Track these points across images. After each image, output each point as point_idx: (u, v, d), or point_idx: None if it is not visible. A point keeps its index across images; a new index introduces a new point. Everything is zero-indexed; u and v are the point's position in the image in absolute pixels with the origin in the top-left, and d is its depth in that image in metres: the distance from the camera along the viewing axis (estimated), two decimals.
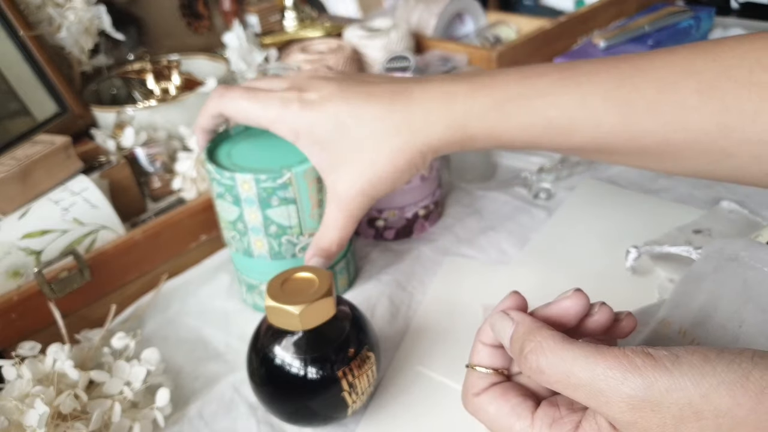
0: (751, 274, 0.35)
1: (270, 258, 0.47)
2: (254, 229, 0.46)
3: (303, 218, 0.45)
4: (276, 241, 0.46)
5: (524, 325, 0.28)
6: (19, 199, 0.53)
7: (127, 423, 0.40)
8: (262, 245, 0.47)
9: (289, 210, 0.45)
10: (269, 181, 0.43)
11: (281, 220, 0.45)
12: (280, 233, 0.46)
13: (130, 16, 0.81)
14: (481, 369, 0.31)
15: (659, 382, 0.23)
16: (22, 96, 0.63)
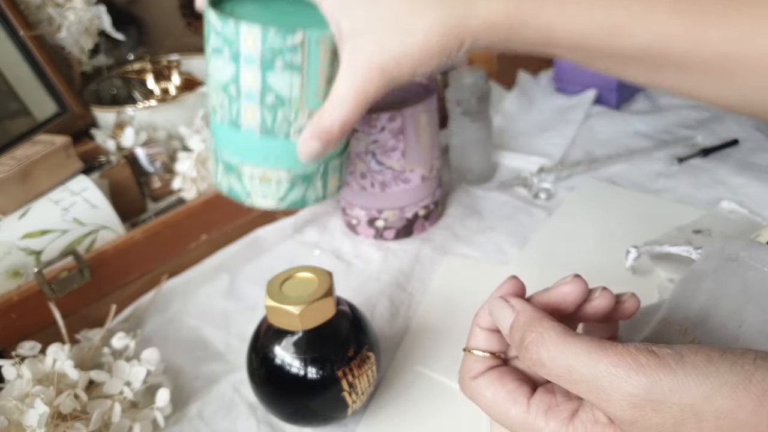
0: (751, 274, 0.35)
1: (259, 133, 0.39)
2: (248, 95, 0.38)
3: (306, 93, 0.38)
4: (270, 114, 0.39)
5: (525, 314, 0.28)
6: (19, 199, 0.53)
7: (127, 423, 0.40)
8: (253, 116, 0.39)
9: (293, 79, 0.37)
10: (278, 38, 0.36)
11: (282, 89, 0.38)
12: (276, 105, 0.38)
13: (130, 16, 0.82)
14: (478, 352, 0.31)
15: (663, 382, 0.23)
16: (22, 96, 0.63)
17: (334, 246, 0.61)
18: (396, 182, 0.57)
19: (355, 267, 0.58)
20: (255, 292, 0.55)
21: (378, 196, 0.58)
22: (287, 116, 0.39)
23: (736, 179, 0.62)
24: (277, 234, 0.61)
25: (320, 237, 0.62)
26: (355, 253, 0.59)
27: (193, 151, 0.61)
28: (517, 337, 0.28)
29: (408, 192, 0.58)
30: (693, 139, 0.69)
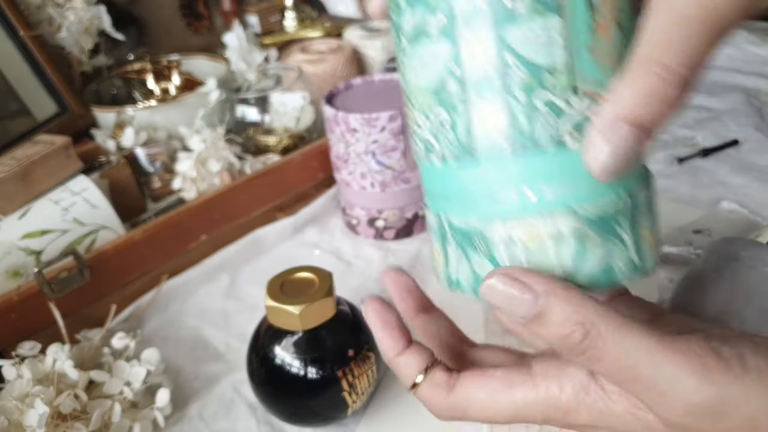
0: (751, 274, 0.35)
1: (510, 148, 0.23)
2: (481, 83, 0.22)
3: (577, 50, 0.21)
4: (525, 104, 0.22)
5: (560, 300, 0.22)
6: (19, 199, 0.53)
7: (127, 423, 0.40)
8: (496, 117, 0.23)
9: (550, 28, 0.21)
10: None
11: (533, 52, 0.22)
12: (531, 84, 0.22)
13: (130, 16, 0.82)
14: (420, 379, 0.26)
15: (730, 393, 0.21)
16: (22, 96, 0.63)
17: (334, 246, 0.61)
18: (396, 182, 0.57)
19: (355, 267, 0.58)
20: (255, 292, 0.55)
21: (378, 196, 0.58)
22: (552, 101, 0.22)
23: (736, 179, 0.62)
24: (277, 234, 0.61)
25: (320, 237, 0.62)
26: (355, 253, 0.59)
27: (193, 151, 0.61)
28: (559, 330, 0.22)
29: (408, 192, 0.58)
30: (693, 139, 0.69)
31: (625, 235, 0.23)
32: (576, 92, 0.22)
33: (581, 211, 0.23)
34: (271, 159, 0.65)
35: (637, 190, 0.24)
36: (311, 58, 0.81)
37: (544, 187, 0.23)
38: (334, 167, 0.60)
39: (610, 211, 0.23)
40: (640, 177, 0.24)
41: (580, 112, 0.22)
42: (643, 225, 0.24)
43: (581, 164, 0.22)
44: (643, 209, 0.24)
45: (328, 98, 0.58)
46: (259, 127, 0.69)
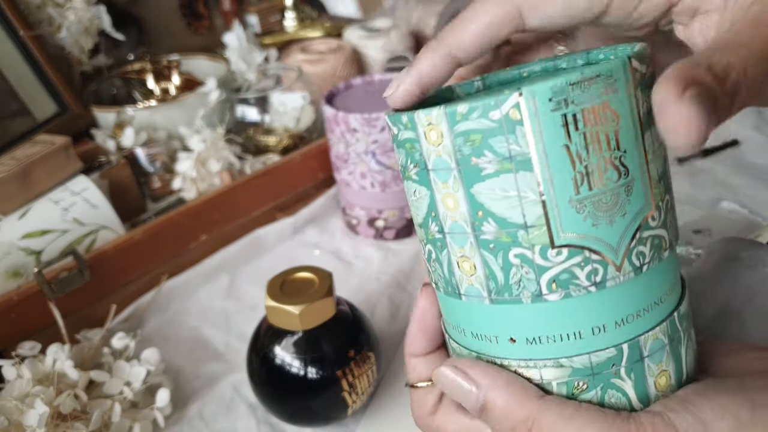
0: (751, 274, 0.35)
1: (488, 296, 0.23)
2: (454, 231, 0.23)
3: (557, 204, 0.20)
4: (499, 259, 0.22)
5: (502, 395, 0.22)
6: (19, 199, 0.53)
7: (127, 423, 0.40)
8: (473, 267, 0.23)
9: (521, 185, 0.21)
10: (476, 116, 0.20)
11: (505, 209, 0.21)
12: (505, 240, 0.21)
13: (130, 16, 0.82)
14: (423, 384, 0.27)
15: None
16: (22, 96, 0.63)
17: (334, 246, 0.61)
18: (396, 182, 0.57)
19: (355, 267, 0.58)
20: (255, 292, 0.55)
21: (378, 196, 0.58)
22: (526, 256, 0.21)
23: (736, 179, 0.62)
24: (277, 234, 0.61)
25: (320, 237, 0.62)
26: (355, 253, 0.59)
27: (193, 151, 0.61)
28: (502, 425, 0.22)
29: None
30: None
31: (626, 385, 0.22)
32: (554, 247, 0.21)
33: (567, 363, 0.22)
34: (271, 159, 0.65)
35: (645, 337, 0.22)
36: (311, 58, 0.81)
37: (524, 336, 0.22)
38: (334, 167, 0.60)
39: (603, 362, 0.22)
40: (651, 319, 0.22)
41: (559, 266, 0.21)
42: (653, 372, 0.23)
43: (565, 315, 0.22)
44: (657, 354, 0.22)
45: (328, 98, 0.58)
46: (259, 127, 0.69)
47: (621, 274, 0.21)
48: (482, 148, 0.21)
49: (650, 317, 0.22)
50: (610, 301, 0.22)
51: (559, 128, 0.20)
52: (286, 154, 0.64)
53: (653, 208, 0.21)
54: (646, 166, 0.21)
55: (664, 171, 0.22)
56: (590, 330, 0.22)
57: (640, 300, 0.22)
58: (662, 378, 0.23)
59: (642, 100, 0.20)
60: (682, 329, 0.23)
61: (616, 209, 0.20)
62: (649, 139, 0.21)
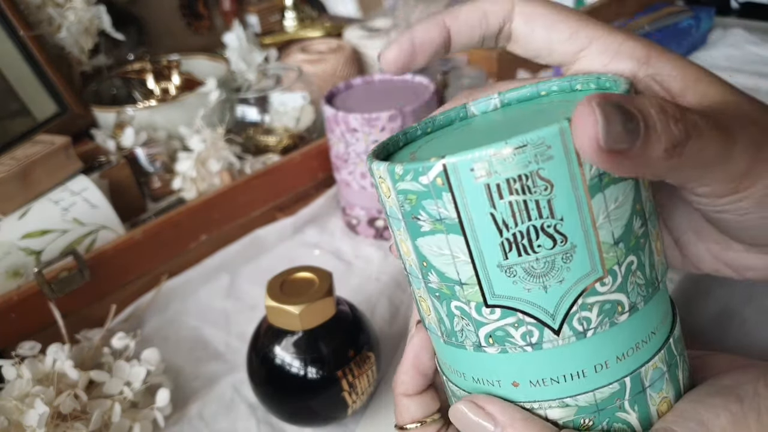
0: None
1: (442, 338, 0.24)
2: (412, 274, 0.24)
3: (486, 267, 0.21)
4: (444, 307, 0.23)
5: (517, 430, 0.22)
6: (19, 199, 0.53)
7: (127, 423, 0.40)
8: (428, 309, 0.24)
9: (453, 246, 0.21)
10: (410, 179, 0.21)
11: (443, 265, 0.22)
12: (446, 292, 0.22)
13: (130, 16, 0.82)
14: (413, 426, 0.27)
15: None
16: (22, 96, 0.63)
17: (334, 246, 0.61)
18: None
19: (355, 267, 0.58)
20: (255, 292, 0.55)
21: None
22: (464, 309, 0.22)
23: None
24: (277, 234, 0.61)
25: (320, 237, 0.62)
26: (355, 253, 0.59)
27: (193, 151, 0.61)
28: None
29: None
30: None
31: (630, 417, 0.23)
32: (487, 306, 0.21)
33: (572, 402, 0.22)
34: (271, 159, 0.65)
35: (645, 368, 0.22)
36: (311, 58, 0.81)
37: (527, 379, 0.23)
38: (334, 167, 0.60)
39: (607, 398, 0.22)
40: (649, 350, 0.23)
41: (494, 323, 0.22)
42: (654, 401, 0.23)
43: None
44: (657, 383, 0.23)
45: (328, 98, 0.58)
46: (259, 127, 0.69)
47: (560, 338, 0.21)
48: (418, 208, 0.21)
49: (648, 348, 0.22)
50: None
51: (483, 197, 0.20)
52: (286, 154, 0.64)
53: (603, 274, 0.21)
54: (593, 231, 0.20)
55: (626, 232, 0.21)
56: (593, 368, 0.22)
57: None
58: (664, 405, 0.23)
59: (591, 165, 0.20)
60: (677, 353, 0.24)
61: (551, 275, 0.20)
62: (600, 203, 0.20)
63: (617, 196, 0.20)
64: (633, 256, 0.21)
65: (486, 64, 0.80)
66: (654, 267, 0.22)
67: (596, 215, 0.20)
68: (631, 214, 0.21)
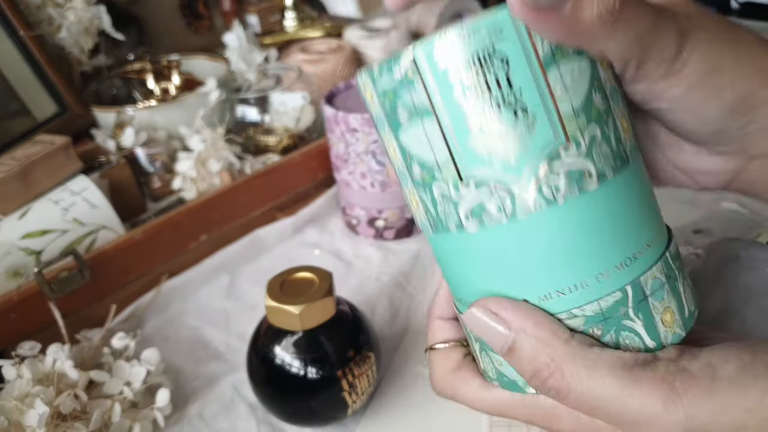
0: (751, 274, 0.35)
1: (431, 229, 0.26)
2: (401, 174, 0.26)
3: (457, 144, 0.23)
4: (428, 194, 0.25)
5: (529, 338, 0.23)
6: (19, 199, 0.53)
7: (127, 423, 0.40)
8: (417, 204, 0.26)
9: (428, 130, 0.23)
10: (385, 74, 0.23)
11: (421, 152, 0.24)
12: (427, 178, 0.24)
13: (130, 16, 0.82)
14: (442, 346, 0.28)
15: (703, 409, 0.21)
16: (22, 96, 0.63)
17: (334, 246, 0.61)
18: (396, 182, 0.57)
19: (355, 267, 0.58)
20: (255, 292, 0.55)
21: (378, 196, 0.58)
22: (445, 193, 0.24)
23: None
24: (277, 234, 0.61)
25: (320, 237, 0.62)
26: (355, 253, 0.59)
27: (193, 151, 0.61)
28: (526, 367, 0.23)
29: None
30: None
31: (636, 325, 0.24)
32: (463, 181, 0.23)
33: (579, 313, 0.23)
34: (271, 159, 0.65)
35: (645, 277, 0.24)
36: (311, 58, 0.81)
37: (536, 295, 0.24)
38: (334, 167, 0.60)
39: (611, 306, 0.23)
40: (646, 260, 0.24)
41: (471, 199, 0.23)
42: (658, 309, 0.24)
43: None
44: (658, 292, 0.24)
45: (328, 98, 0.58)
46: (259, 127, 0.69)
47: (532, 206, 0.22)
48: (396, 102, 0.23)
49: (645, 258, 0.24)
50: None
51: (447, 79, 0.22)
52: (286, 154, 0.64)
53: (566, 141, 0.22)
54: (551, 102, 0.22)
55: (586, 104, 0.22)
56: (594, 278, 0.23)
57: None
58: (667, 315, 0.24)
59: (542, 41, 0.22)
60: (676, 268, 0.25)
61: (516, 145, 0.22)
62: (555, 76, 0.22)
63: (573, 70, 0.22)
64: (596, 127, 0.23)
65: None
66: (621, 141, 0.24)
67: (553, 87, 0.22)
68: (590, 89, 0.23)
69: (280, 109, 0.69)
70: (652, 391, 0.21)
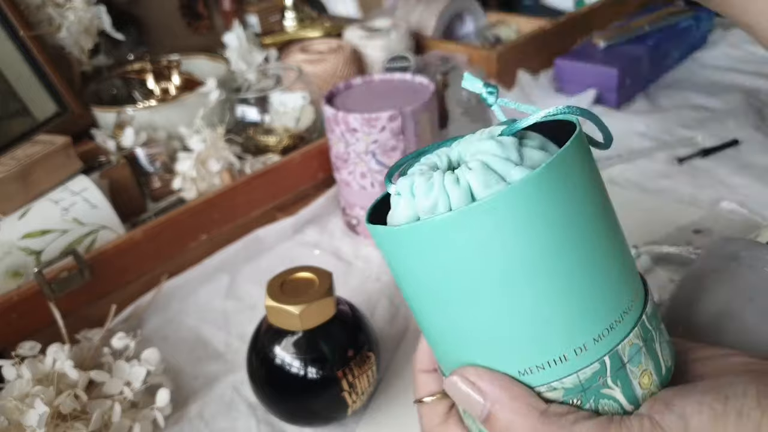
0: (751, 274, 0.35)
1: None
2: None
3: None
4: None
5: (507, 408, 0.23)
6: (19, 199, 0.53)
7: (127, 423, 0.40)
8: None
9: None
10: None
11: None
12: None
13: (130, 16, 0.82)
14: (429, 399, 0.29)
15: None
16: (22, 96, 0.63)
17: (334, 246, 0.61)
18: None
19: (355, 267, 0.58)
20: (255, 292, 0.55)
21: (378, 196, 0.58)
22: None
23: (736, 179, 0.62)
24: (277, 234, 0.61)
25: (320, 237, 0.62)
26: (355, 253, 0.59)
27: (193, 151, 0.61)
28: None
29: None
30: (693, 139, 0.69)
31: (615, 392, 0.24)
32: None
33: (559, 385, 0.24)
34: (271, 159, 0.65)
35: (622, 345, 0.24)
36: (311, 58, 0.81)
37: (516, 369, 0.24)
38: (334, 167, 0.60)
39: (590, 377, 0.24)
40: (624, 328, 0.24)
41: None
42: (635, 374, 0.24)
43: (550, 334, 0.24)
44: (635, 357, 0.24)
45: (328, 98, 0.58)
46: (259, 127, 0.69)
47: None
48: None
49: (623, 327, 0.24)
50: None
51: None
52: (286, 154, 0.64)
53: None
54: None
55: None
56: (573, 352, 0.23)
57: (610, 310, 0.24)
58: (645, 377, 0.25)
59: None
60: (652, 328, 0.25)
61: None
62: None
63: None
64: None
65: (486, 65, 0.80)
66: None
67: None
68: None
69: (280, 109, 0.69)
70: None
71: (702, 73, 0.85)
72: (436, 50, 0.85)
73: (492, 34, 0.92)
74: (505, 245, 0.22)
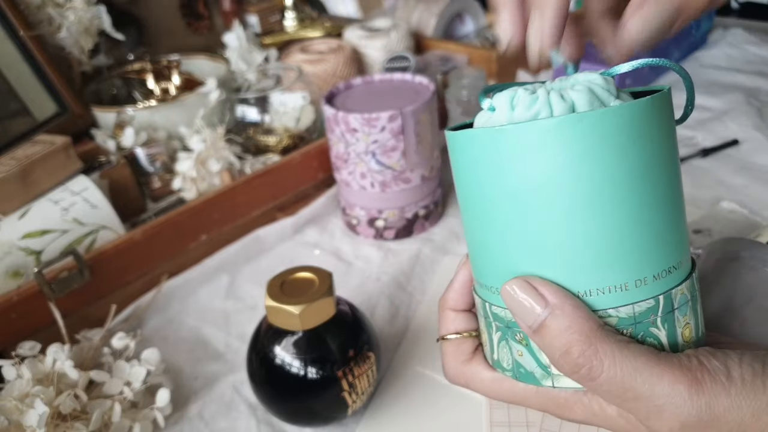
0: (751, 274, 0.35)
1: None
2: None
3: None
4: None
5: (566, 315, 0.23)
6: (19, 199, 0.53)
7: (127, 423, 0.40)
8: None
9: None
10: None
11: None
12: None
13: (130, 16, 0.82)
14: (452, 336, 0.29)
15: (719, 403, 0.22)
16: (22, 96, 0.63)
17: (334, 246, 0.61)
18: (396, 182, 0.57)
19: (355, 267, 0.58)
20: (255, 292, 0.56)
21: (378, 196, 0.58)
22: None
23: (736, 179, 0.62)
24: (277, 234, 0.61)
25: (320, 237, 0.62)
26: (355, 253, 0.59)
27: (193, 151, 0.61)
28: (558, 344, 0.24)
29: (408, 192, 0.58)
30: (693, 139, 0.69)
31: (660, 334, 0.25)
32: None
33: (614, 313, 0.24)
34: (271, 159, 0.65)
35: (675, 291, 0.25)
36: (311, 58, 0.81)
37: (576, 290, 0.25)
38: (334, 167, 0.60)
39: (643, 312, 0.24)
40: (678, 276, 0.25)
41: None
42: (680, 323, 0.25)
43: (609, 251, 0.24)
44: (683, 307, 0.25)
45: (328, 98, 0.58)
46: (259, 127, 0.69)
47: None
48: None
49: (678, 274, 0.25)
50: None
51: None
52: (286, 154, 0.64)
53: None
54: None
55: None
56: (634, 283, 0.24)
57: (670, 248, 0.25)
58: (687, 329, 0.26)
59: None
60: (698, 290, 0.27)
61: None
62: None
63: None
64: None
65: (486, 65, 0.80)
66: None
67: None
68: None
69: (280, 109, 0.69)
70: (680, 378, 0.22)
71: (702, 73, 0.85)
72: (436, 50, 0.85)
73: (492, 34, 0.92)
74: (604, 161, 0.23)
